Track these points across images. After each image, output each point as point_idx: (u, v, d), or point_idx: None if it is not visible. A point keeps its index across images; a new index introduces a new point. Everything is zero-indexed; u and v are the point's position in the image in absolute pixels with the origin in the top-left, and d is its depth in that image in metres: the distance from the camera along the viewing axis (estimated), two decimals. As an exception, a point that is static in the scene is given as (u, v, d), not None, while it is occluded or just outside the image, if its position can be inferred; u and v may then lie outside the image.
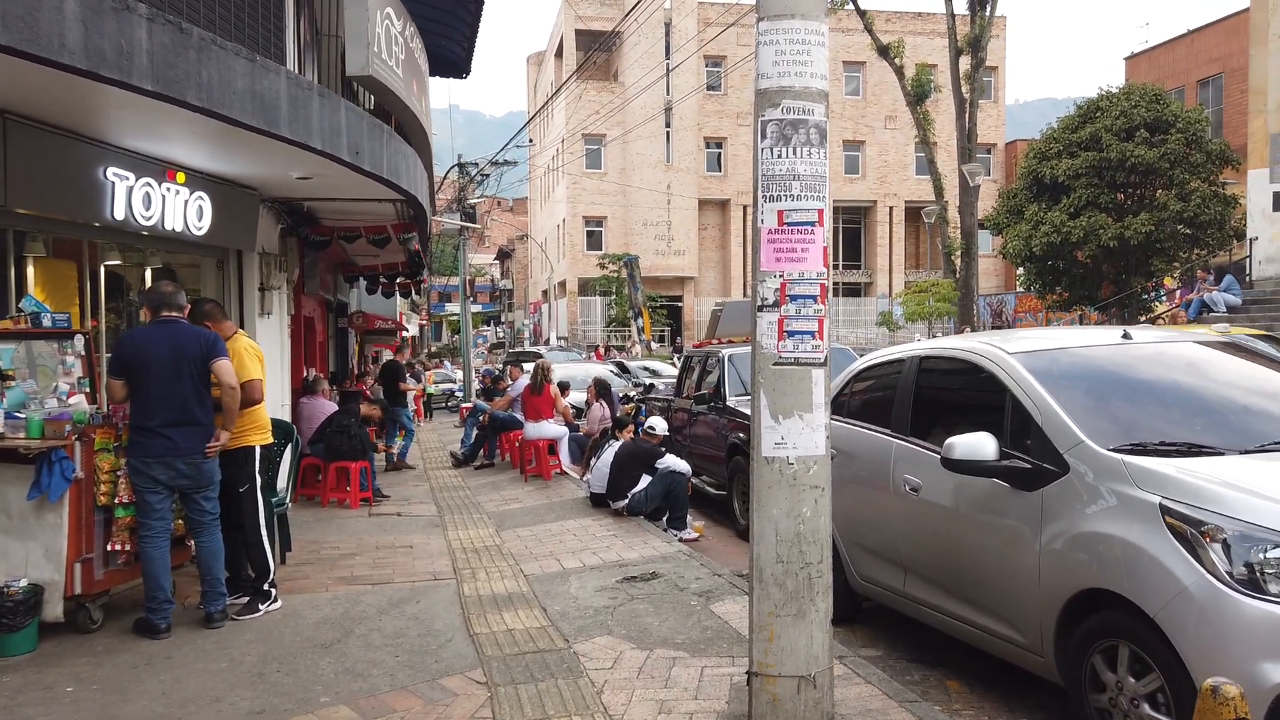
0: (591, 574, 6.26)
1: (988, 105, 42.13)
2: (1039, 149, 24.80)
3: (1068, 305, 26.51)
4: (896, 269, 44.81)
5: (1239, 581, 3.03)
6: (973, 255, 25.95)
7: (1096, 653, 3.50)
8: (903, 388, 5.11)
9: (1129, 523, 3.40)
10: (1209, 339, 4.82)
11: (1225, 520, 3.13)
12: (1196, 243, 23.21)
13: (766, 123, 3.58)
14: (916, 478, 4.67)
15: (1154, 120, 22.72)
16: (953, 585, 4.41)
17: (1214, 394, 4.19)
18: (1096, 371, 4.27)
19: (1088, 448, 3.69)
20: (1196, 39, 31.43)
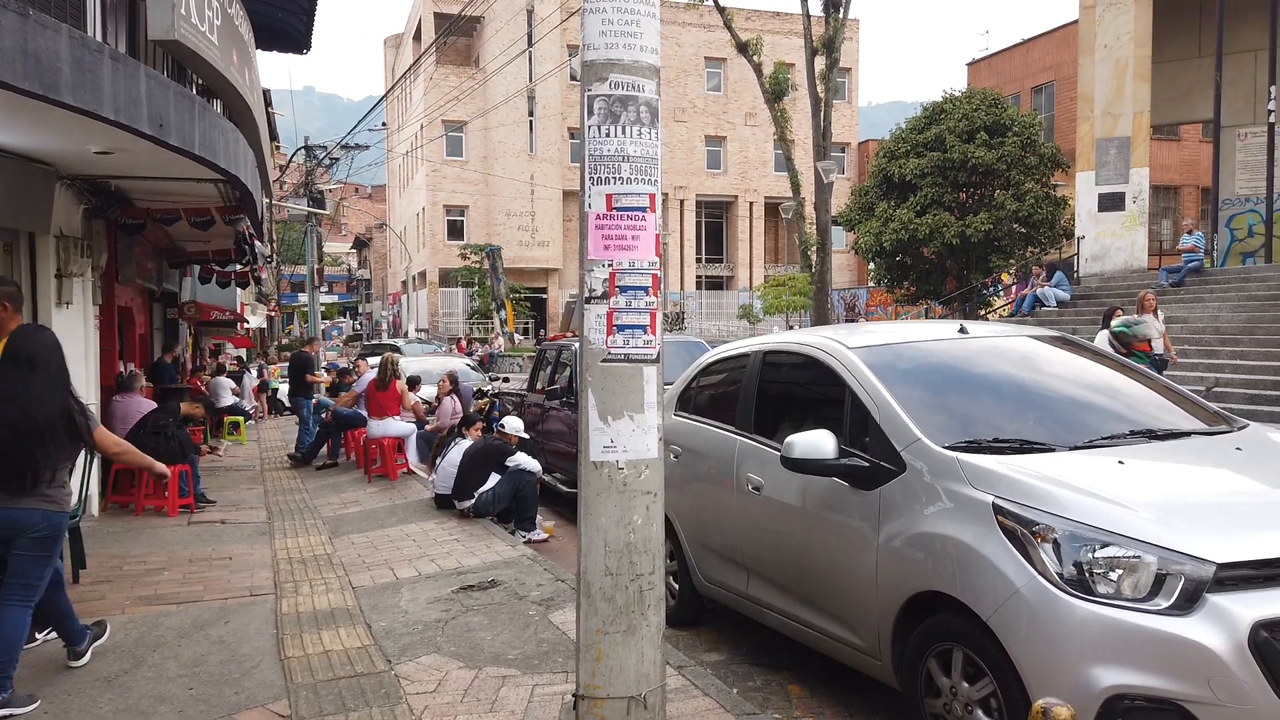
0: (426, 584, 5.86)
1: (842, 105, 43.51)
2: (888, 149, 25.68)
3: (915, 299, 27.62)
4: (757, 263, 45.71)
5: (1069, 582, 2.97)
6: (827, 250, 26.57)
7: (932, 657, 3.41)
8: (747, 383, 4.96)
9: (964, 523, 3.31)
10: (1041, 334, 4.87)
11: (1056, 520, 3.06)
12: (1031, 241, 24.60)
13: (594, 98, 3.30)
14: (759, 476, 4.52)
15: (993, 123, 23.89)
16: (794, 587, 4.28)
17: (1046, 389, 4.20)
18: (934, 367, 4.22)
19: (924, 445, 3.60)
20: (1032, 48, 33.30)
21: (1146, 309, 11.24)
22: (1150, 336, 10.85)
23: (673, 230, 44.67)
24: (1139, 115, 18.85)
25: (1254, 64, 18.57)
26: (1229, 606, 2.78)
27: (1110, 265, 19.21)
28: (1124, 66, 18.83)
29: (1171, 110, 21.23)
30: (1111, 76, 19.01)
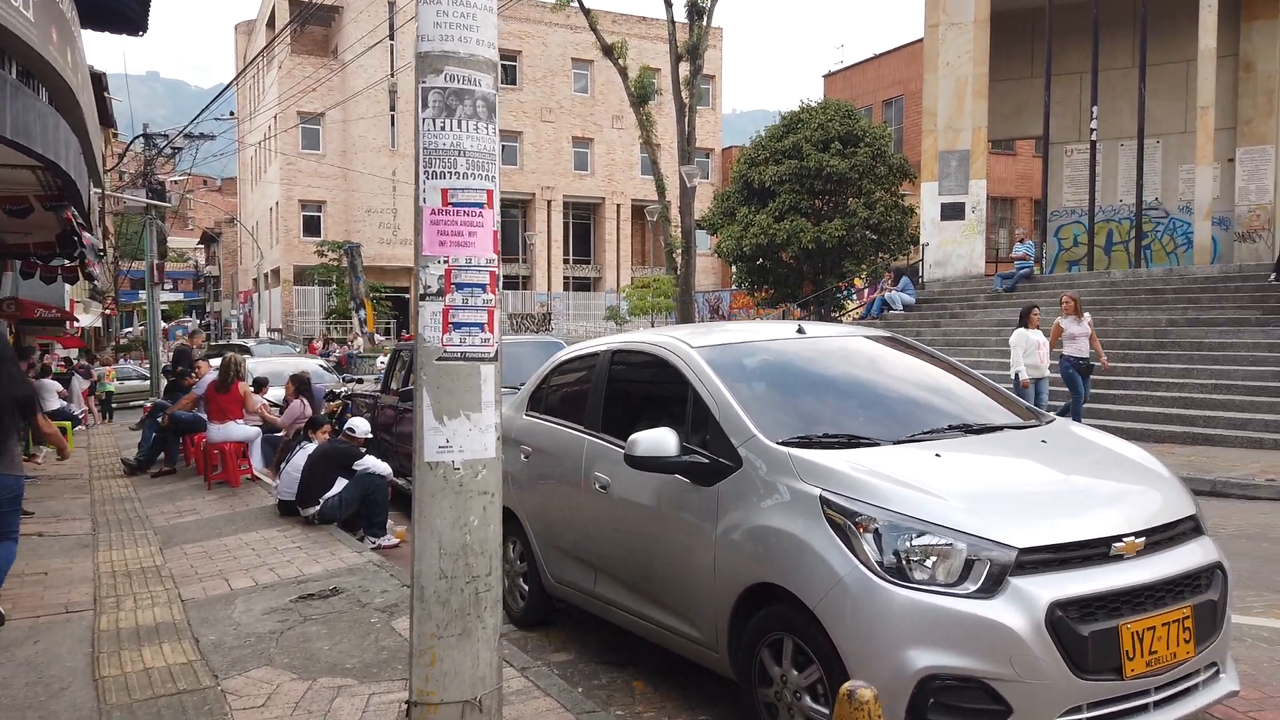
0: (263, 594, 5.60)
1: (706, 112, 44.39)
2: (749, 155, 26.35)
3: (775, 302, 28.44)
4: (624, 265, 46.05)
5: (888, 570, 3.10)
6: (691, 253, 27.04)
7: (765, 647, 3.50)
8: (596, 383, 4.97)
9: (795, 516, 3.41)
10: (874, 334, 5.09)
11: (877, 511, 3.20)
12: (881, 247, 25.74)
13: (428, 90, 3.22)
14: (607, 475, 4.53)
15: (846, 134, 24.86)
16: (639, 584, 4.32)
17: (875, 386, 4.38)
18: (772, 365, 4.34)
19: (759, 441, 3.69)
20: (883, 62, 34.88)
21: (1071, 310, 11.10)
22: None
23: (540, 231, 44.48)
24: (978, 130, 20.01)
25: (1079, 86, 20.04)
26: (1028, 588, 2.97)
27: (952, 271, 20.32)
28: (964, 84, 19.95)
29: (1007, 126, 22.67)
30: (953, 93, 20.10)
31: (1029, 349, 10.80)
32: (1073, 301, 11.13)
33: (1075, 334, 10.91)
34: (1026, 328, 10.90)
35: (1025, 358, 10.73)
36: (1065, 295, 11.49)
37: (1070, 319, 11.01)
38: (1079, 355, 10.87)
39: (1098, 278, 17.70)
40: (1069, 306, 11.09)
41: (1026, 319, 11.00)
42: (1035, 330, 10.92)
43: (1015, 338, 10.94)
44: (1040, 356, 10.76)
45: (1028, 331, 10.86)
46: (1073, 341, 10.90)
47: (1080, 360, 10.87)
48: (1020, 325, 11.02)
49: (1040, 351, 10.76)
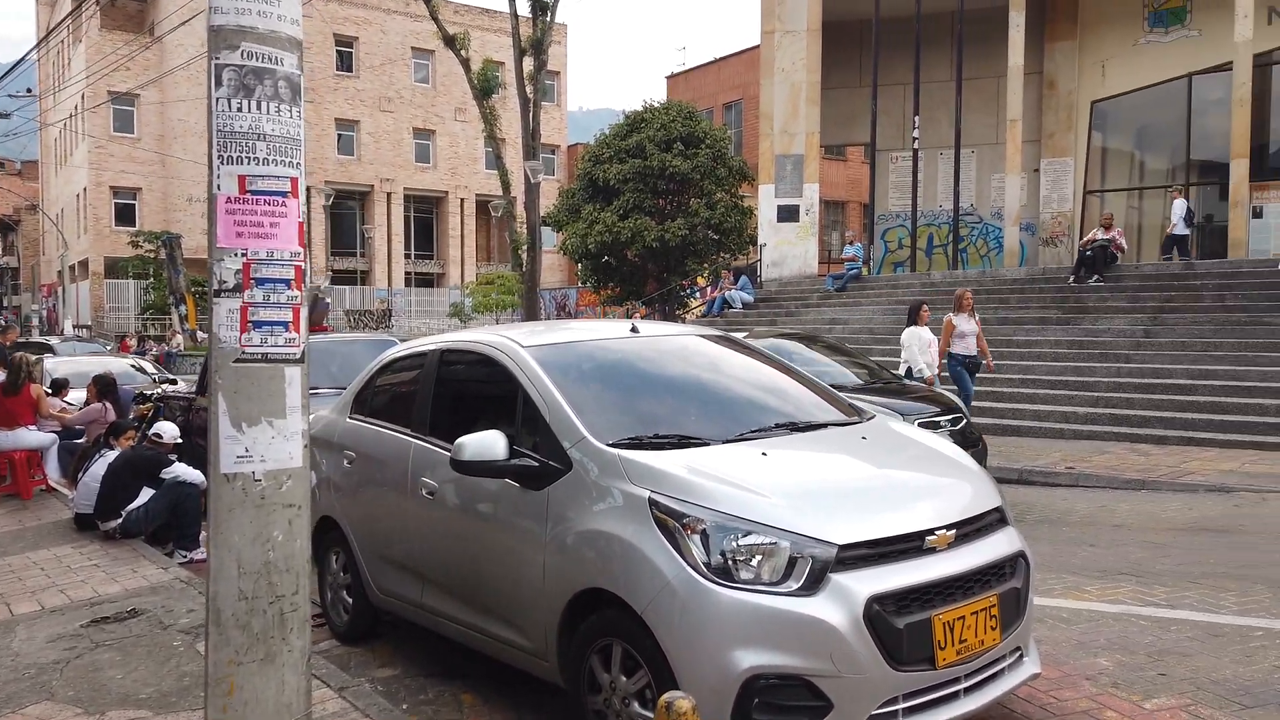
0: (49, 619, 5.06)
1: (551, 108, 44.17)
2: (593, 153, 26.40)
3: (620, 300, 28.62)
4: (469, 261, 45.22)
5: (715, 571, 3.08)
6: (537, 250, 26.83)
7: (595, 653, 3.42)
8: (424, 383, 4.76)
9: (624, 519, 3.35)
10: (708, 333, 5.11)
11: (704, 511, 3.17)
12: (722, 247, 26.35)
13: (222, 67, 2.95)
14: (434, 480, 4.34)
15: (688, 135, 25.29)
16: (468, 593, 4.15)
17: (707, 385, 4.38)
18: (605, 365, 4.26)
19: (590, 443, 3.61)
20: (723, 66, 35.72)
21: (964, 308, 10.87)
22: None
23: (380, 224, 43.03)
24: (811, 135, 20.76)
25: (904, 96, 21.12)
26: (848, 584, 3.02)
27: (788, 271, 21.01)
28: (799, 90, 20.66)
29: (838, 133, 23.64)
30: (787, 98, 20.77)
31: (922, 347, 10.41)
32: (967, 300, 10.96)
33: (965, 332, 10.72)
34: (917, 325, 10.56)
35: (921, 355, 10.32)
36: (961, 292, 11.19)
37: (962, 316, 10.82)
38: (967, 354, 10.73)
39: (919, 279, 18.73)
40: (965, 304, 10.87)
41: (916, 316, 10.65)
42: (925, 328, 10.55)
43: (907, 336, 10.57)
44: (932, 355, 10.43)
45: (919, 329, 10.52)
46: (962, 340, 10.72)
47: (968, 358, 10.76)
48: (910, 323, 10.66)
49: (931, 350, 10.44)
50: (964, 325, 10.75)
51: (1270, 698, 3.68)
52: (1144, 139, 22.08)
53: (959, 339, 10.70)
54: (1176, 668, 4.02)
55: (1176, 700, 3.69)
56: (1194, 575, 5.50)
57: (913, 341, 10.40)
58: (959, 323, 10.77)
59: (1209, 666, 4.01)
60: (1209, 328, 12.83)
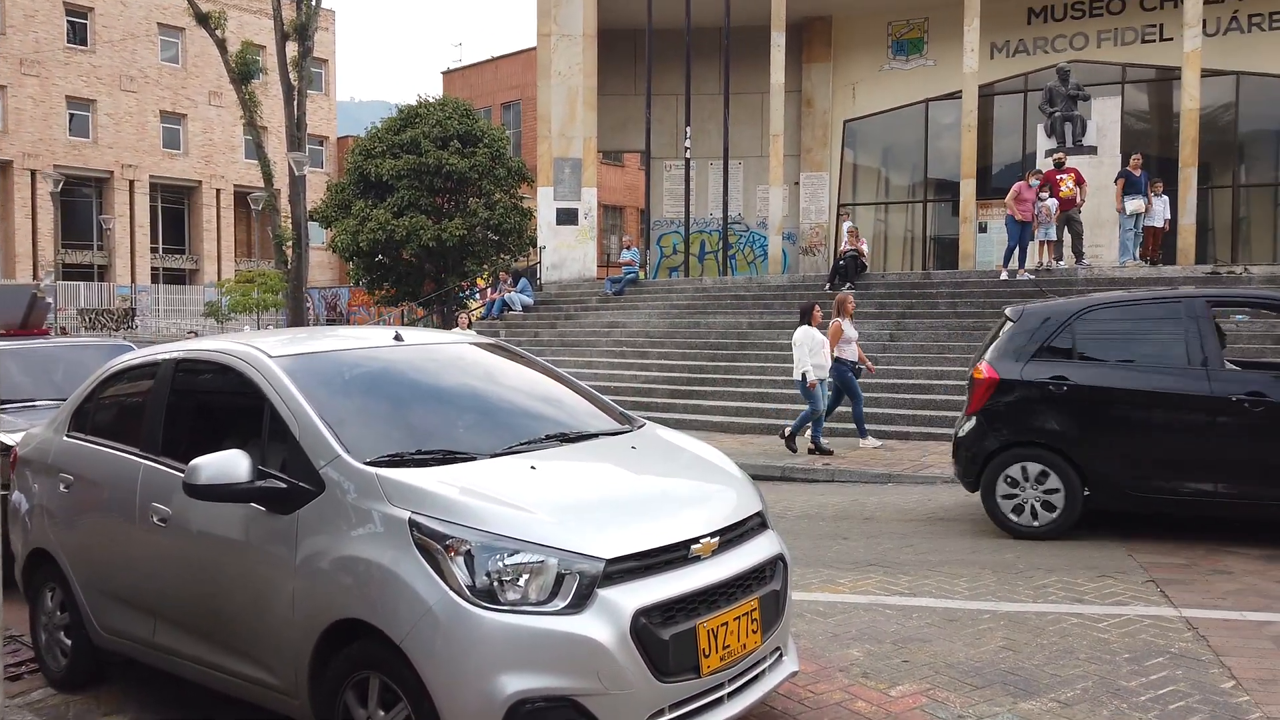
0: None
1: (319, 97, 41.99)
2: (364, 146, 25.34)
3: (395, 300, 27.63)
4: (226, 256, 42.06)
5: (480, 594, 2.95)
6: (303, 247, 25.39)
7: (350, 688, 3.18)
8: (156, 397, 4.28)
9: (383, 543, 3.14)
10: (479, 341, 4.95)
11: (469, 531, 3.03)
12: (502, 248, 26.09)
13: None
14: (166, 506, 3.90)
15: (466, 133, 24.83)
16: (207, 630, 3.76)
17: (476, 396, 4.22)
18: (365, 376, 4.00)
19: (345, 462, 3.36)
20: (501, 65, 35.42)
21: (846, 312, 10.78)
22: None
23: (121, 214, 39.10)
24: (588, 140, 20.97)
25: (676, 106, 21.82)
26: (615, 599, 2.98)
27: (567, 274, 21.11)
28: (575, 94, 20.80)
29: (615, 139, 24.08)
30: (565, 102, 20.87)
31: (814, 348, 10.36)
32: (850, 304, 10.93)
33: (850, 337, 10.67)
34: (809, 325, 10.46)
35: (811, 356, 10.34)
36: (843, 296, 11.11)
37: (849, 321, 10.76)
38: (852, 359, 10.68)
39: (692, 284, 19.39)
40: (849, 309, 10.85)
41: (809, 317, 10.52)
42: (817, 329, 10.49)
43: (800, 335, 10.46)
44: (824, 356, 10.40)
45: (811, 330, 10.43)
46: (848, 345, 10.64)
47: (853, 363, 10.69)
48: (803, 323, 10.54)
49: (824, 351, 10.40)
50: (850, 330, 10.73)
51: (996, 677, 4.03)
52: (889, 157, 24.10)
53: (845, 344, 10.63)
54: (918, 654, 4.33)
55: (918, 686, 3.97)
56: (933, 563, 5.98)
57: (805, 341, 10.34)
58: (847, 328, 10.69)
59: (945, 651, 4.35)
60: (944, 332, 14.14)
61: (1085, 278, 15.10)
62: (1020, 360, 6.78)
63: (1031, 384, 6.67)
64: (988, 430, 6.83)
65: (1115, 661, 4.15)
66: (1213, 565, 5.65)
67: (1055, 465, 6.52)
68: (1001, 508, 6.73)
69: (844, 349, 10.59)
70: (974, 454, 6.90)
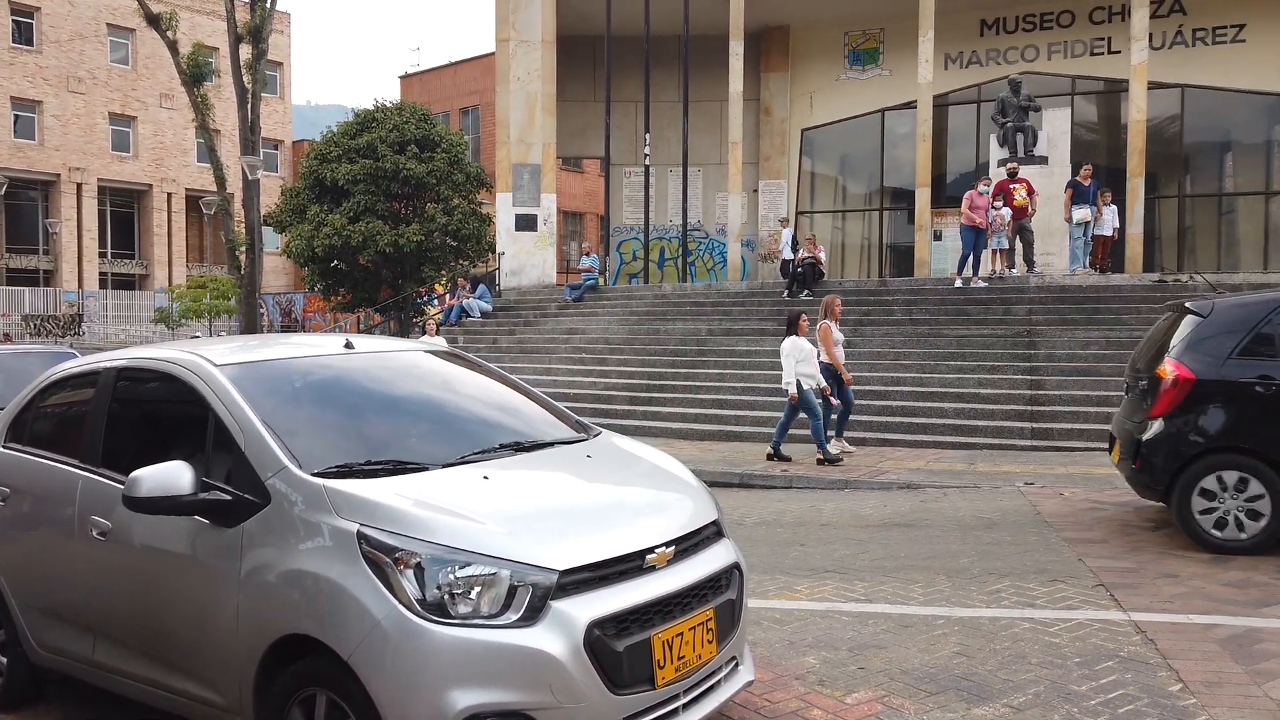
0: None
1: (274, 101, 41.44)
2: (320, 151, 25.04)
3: (351, 307, 27.31)
4: (178, 261, 41.24)
5: (430, 607, 2.89)
6: (256, 252, 25.00)
7: (296, 705, 3.10)
8: (96, 406, 4.15)
9: (331, 556, 3.07)
10: (432, 348, 4.88)
11: (419, 544, 2.97)
12: (460, 253, 25.90)
13: None
14: (107, 519, 3.78)
15: (423, 138, 24.63)
16: (149, 646, 3.65)
17: (429, 405, 4.16)
18: (313, 385, 3.92)
19: (291, 473, 3.28)
20: (459, 70, 35.22)
21: (834, 315, 10.65)
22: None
23: (68, 218, 38.17)
24: (547, 146, 20.91)
25: (636, 113, 21.85)
26: (568, 610, 2.94)
27: (526, 280, 21.01)
28: (534, 100, 20.74)
29: (574, 145, 24.04)
30: (524, 108, 20.80)
31: (804, 357, 10.20)
32: (837, 308, 10.77)
33: (838, 340, 10.56)
34: (796, 335, 10.30)
35: (800, 366, 10.14)
36: (830, 299, 10.91)
37: (836, 325, 10.61)
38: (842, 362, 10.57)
39: (652, 290, 19.40)
40: (836, 312, 10.69)
41: (796, 327, 10.34)
42: (804, 338, 10.33)
43: (788, 346, 10.25)
44: (814, 364, 10.25)
45: (799, 340, 10.26)
46: (837, 348, 10.56)
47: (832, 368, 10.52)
48: (789, 334, 10.38)
49: (814, 359, 10.27)
50: (837, 333, 10.60)
51: (950, 683, 4.06)
52: (846, 166, 24.36)
53: (835, 348, 10.51)
54: (874, 660, 4.34)
55: (873, 693, 3.97)
56: (888, 569, 6.02)
57: (793, 352, 10.18)
58: (836, 331, 10.59)
59: (900, 657, 4.37)
60: (899, 338, 14.29)
61: (1036, 285, 15.36)
62: (1218, 358, 6.28)
63: (1234, 384, 6.20)
64: (1182, 434, 6.28)
65: (1066, 666, 4.20)
66: (1160, 569, 5.75)
67: (1257, 471, 6.05)
68: (1200, 523, 6.19)
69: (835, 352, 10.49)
70: (1166, 461, 6.32)
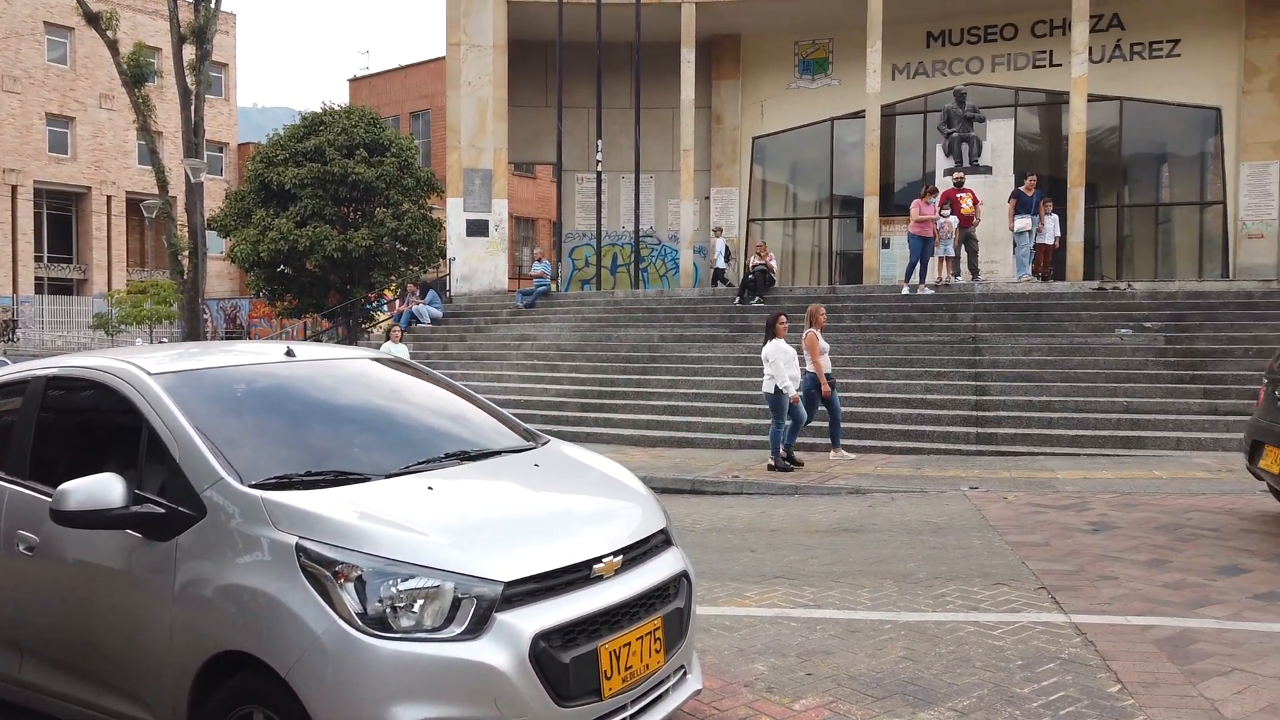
0: None
1: (219, 102, 40.65)
2: (266, 154, 24.61)
3: (299, 312, 26.85)
4: (118, 266, 40.20)
5: (371, 622, 2.83)
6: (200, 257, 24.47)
7: (233, 724, 3.02)
8: (23, 416, 4.01)
9: (269, 571, 2.99)
10: (377, 355, 4.81)
11: (360, 556, 2.91)
12: (410, 259, 25.60)
13: None
14: (34, 533, 3.65)
15: (372, 142, 24.33)
16: (78, 664, 3.53)
17: (374, 414, 4.09)
18: (252, 394, 3.83)
19: (228, 485, 3.19)
20: (410, 74, 34.89)
21: (818, 323, 10.58)
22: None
23: (3, 221, 37.01)
24: (499, 151, 20.81)
25: (588, 119, 21.82)
26: (514, 623, 2.90)
27: (478, 286, 20.86)
28: (485, 105, 20.63)
29: (527, 150, 23.94)
30: (475, 112, 20.68)
31: (787, 360, 10.08)
32: (821, 315, 10.69)
33: (823, 348, 10.52)
34: (776, 338, 10.16)
35: (787, 369, 10.03)
36: (819, 309, 10.82)
37: (822, 334, 10.58)
38: (827, 371, 10.51)
39: (604, 297, 19.38)
40: (820, 320, 10.62)
41: (774, 329, 10.21)
42: (784, 341, 10.20)
43: (770, 350, 10.14)
44: (797, 368, 10.20)
45: (780, 343, 10.12)
46: (823, 355, 10.52)
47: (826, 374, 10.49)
48: (769, 337, 10.25)
49: (796, 363, 10.21)
50: (822, 342, 10.58)
51: (896, 687, 4.09)
52: (797, 174, 24.60)
53: (820, 355, 10.49)
54: (821, 666, 4.36)
55: (821, 699, 3.99)
56: (836, 574, 6.06)
57: (778, 356, 10.08)
58: (821, 340, 10.54)
59: (848, 663, 4.39)
60: (849, 345, 14.43)
61: (981, 293, 15.65)
62: None
63: None
64: None
65: (1009, 669, 4.25)
66: (1099, 571, 5.87)
67: None
68: None
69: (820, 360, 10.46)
70: None
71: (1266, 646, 4.43)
